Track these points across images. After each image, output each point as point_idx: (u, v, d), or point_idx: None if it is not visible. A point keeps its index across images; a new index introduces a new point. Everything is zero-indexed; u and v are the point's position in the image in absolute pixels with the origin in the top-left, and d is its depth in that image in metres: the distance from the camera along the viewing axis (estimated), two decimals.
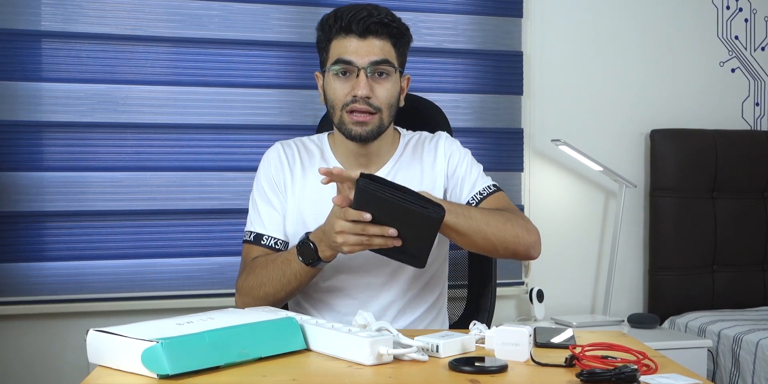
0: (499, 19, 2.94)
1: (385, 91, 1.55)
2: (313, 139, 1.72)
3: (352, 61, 1.52)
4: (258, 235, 1.62)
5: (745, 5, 3.23)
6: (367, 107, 1.53)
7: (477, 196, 1.63)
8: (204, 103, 2.68)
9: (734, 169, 3.05)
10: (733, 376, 2.61)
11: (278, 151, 1.67)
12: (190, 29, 2.66)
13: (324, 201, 1.58)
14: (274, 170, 1.65)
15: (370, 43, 1.52)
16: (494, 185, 1.67)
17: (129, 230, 2.62)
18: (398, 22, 1.56)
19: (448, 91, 2.88)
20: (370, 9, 1.53)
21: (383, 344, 1.15)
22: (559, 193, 3.05)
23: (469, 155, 1.71)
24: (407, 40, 1.60)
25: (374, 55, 1.52)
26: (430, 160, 1.67)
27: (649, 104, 3.13)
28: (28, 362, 2.57)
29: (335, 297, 1.62)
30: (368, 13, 1.52)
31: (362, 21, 1.51)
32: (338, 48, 1.54)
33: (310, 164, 1.65)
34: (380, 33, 1.53)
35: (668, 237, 3.02)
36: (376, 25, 1.52)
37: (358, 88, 1.51)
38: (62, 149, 2.56)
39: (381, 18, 1.53)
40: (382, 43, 1.54)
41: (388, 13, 1.55)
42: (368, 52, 1.52)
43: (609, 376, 1.05)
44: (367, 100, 1.52)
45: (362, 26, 1.52)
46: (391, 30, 1.54)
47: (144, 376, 1.07)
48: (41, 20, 2.54)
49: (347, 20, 1.52)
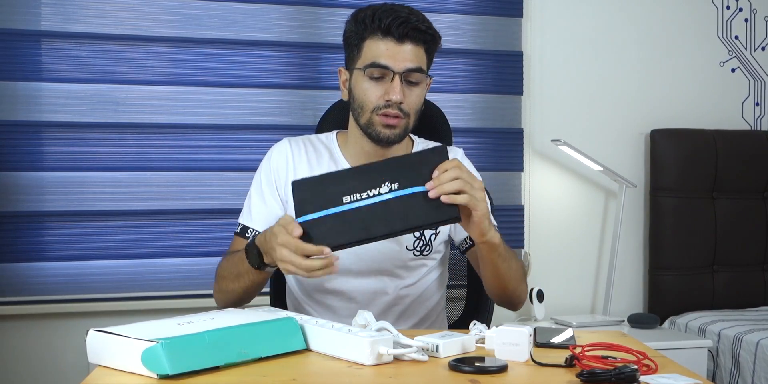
0: (499, 19, 2.94)
1: (415, 97, 1.55)
2: (321, 138, 1.70)
3: (389, 66, 1.50)
4: (244, 228, 1.62)
5: (745, 5, 3.23)
6: (398, 112, 1.52)
7: None
8: (204, 103, 2.68)
9: (734, 169, 3.05)
10: (733, 376, 2.61)
11: (285, 147, 1.66)
12: (190, 29, 2.66)
13: None
14: (278, 165, 1.63)
15: (407, 49, 1.51)
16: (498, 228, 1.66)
17: (129, 230, 2.62)
18: (433, 28, 1.55)
19: (448, 91, 2.88)
20: (407, 13, 1.51)
21: (383, 344, 1.15)
22: (559, 193, 3.05)
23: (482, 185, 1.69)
24: (437, 45, 1.59)
25: (410, 62, 1.51)
26: None
27: (649, 104, 3.13)
28: (28, 362, 2.57)
29: (336, 300, 1.62)
30: (406, 18, 1.50)
31: (402, 25, 1.49)
32: (374, 49, 1.51)
33: (318, 163, 1.63)
34: (416, 39, 1.51)
35: (668, 237, 3.02)
36: (415, 30, 1.50)
37: (392, 94, 1.50)
38: (62, 149, 2.56)
39: (418, 24, 1.51)
40: (417, 49, 1.52)
41: (424, 19, 1.54)
42: (404, 58, 1.50)
43: (609, 376, 1.05)
44: (400, 105, 1.52)
45: (402, 31, 1.49)
46: (426, 36, 1.53)
47: (144, 376, 1.07)
48: (41, 20, 2.54)
49: (387, 22, 1.49)
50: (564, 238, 3.05)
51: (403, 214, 1.28)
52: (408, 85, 1.53)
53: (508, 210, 2.92)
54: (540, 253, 3.00)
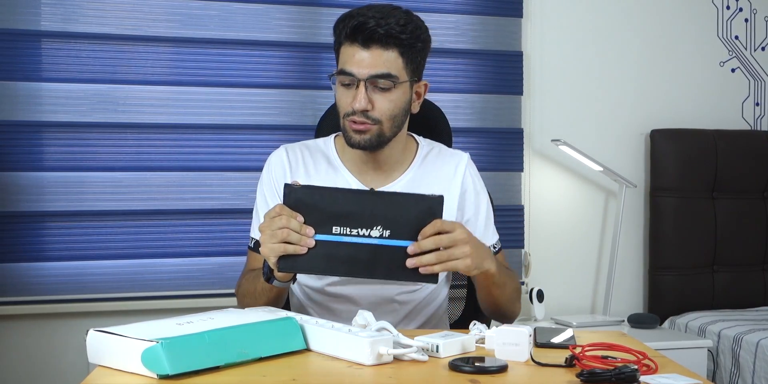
0: (499, 19, 2.94)
1: (386, 103, 1.49)
2: (318, 143, 1.67)
3: (352, 72, 1.47)
4: (257, 242, 1.60)
5: (745, 5, 3.23)
6: (364, 119, 1.49)
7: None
8: (204, 103, 2.68)
9: (734, 169, 3.05)
10: (733, 376, 2.61)
11: (282, 156, 1.63)
12: (190, 29, 2.66)
13: None
14: (277, 175, 1.61)
15: (373, 54, 1.46)
16: (499, 241, 1.67)
17: (129, 230, 2.62)
18: (410, 31, 1.48)
19: (449, 91, 2.88)
20: (378, 17, 1.45)
21: (383, 344, 1.15)
22: (559, 193, 3.05)
23: (487, 196, 1.68)
24: (422, 48, 1.53)
25: (375, 68, 1.46)
26: (447, 180, 1.63)
27: (649, 104, 3.13)
28: (28, 362, 2.57)
29: (340, 303, 1.61)
30: (375, 23, 1.44)
31: (366, 31, 1.44)
32: (344, 55, 1.49)
33: (316, 171, 1.61)
34: (386, 43, 1.46)
35: (668, 237, 3.02)
36: (381, 35, 1.45)
37: (355, 102, 1.47)
38: (62, 149, 2.56)
39: (388, 28, 1.45)
40: (386, 53, 1.46)
41: (399, 21, 1.47)
42: (369, 64, 1.46)
43: (609, 376, 1.05)
44: (366, 112, 1.48)
45: (365, 36, 1.45)
46: (398, 40, 1.46)
47: (144, 376, 1.07)
48: (41, 20, 2.54)
49: (352, 28, 1.45)
50: (564, 238, 3.05)
51: (387, 264, 1.30)
52: (378, 91, 1.48)
53: (508, 210, 2.92)
54: (540, 253, 3.00)
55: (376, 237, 1.29)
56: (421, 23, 1.54)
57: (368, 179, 1.61)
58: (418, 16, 1.55)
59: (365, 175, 1.61)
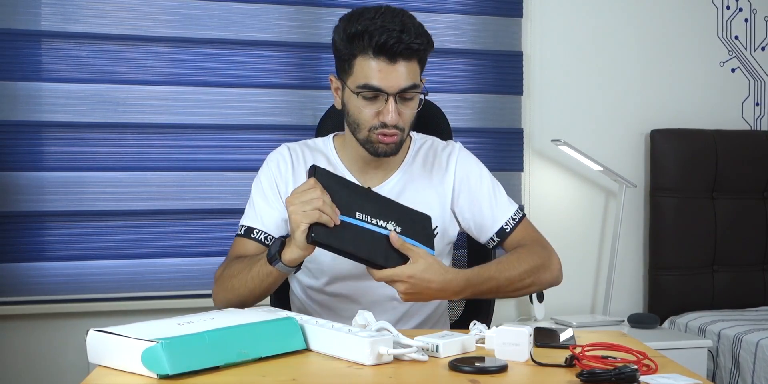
0: (499, 19, 2.94)
1: (410, 111, 1.52)
2: (317, 143, 1.69)
3: (382, 88, 1.46)
4: (249, 229, 1.59)
5: (745, 5, 3.23)
6: (395, 131, 1.51)
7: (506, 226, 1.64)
8: (204, 103, 2.68)
9: (734, 169, 3.05)
10: (733, 376, 2.61)
11: (283, 155, 1.64)
12: (190, 29, 2.66)
13: None
14: (277, 173, 1.62)
15: (399, 68, 1.46)
16: (519, 209, 1.66)
17: (129, 230, 2.62)
18: (426, 42, 1.49)
19: (449, 91, 2.88)
20: (400, 28, 1.44)
21: (383, 344, 1.15)
22: (559, 193, 3.05)
23: (486, 173, 1.68)
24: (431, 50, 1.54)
25: (403, 81, 1.47)
26: (440, 173, 1.65)
27: (649, 104, 3.13)
28: (28, 362, 2.57)
29: (340, 302, 1.62)
30: (398, 39, 1.43)
31: (394, 46, 1.44)
32: (365, 69, 1.46)
33: None
34: (410, 56, 1.47)
35: (668, 237, 3.02)
36: (405, 49, 1.45)
37: (387, 116, 1.48)
38: (62, 149, 2.56)
39: (410, 42, 1.45)
40: (410, 64, 1.48)
41: (418, 29, 1.47)
42: (397, 78, 1.46)
43: (609, 376, 1.05)
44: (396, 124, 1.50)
45: (393, 52, 1.44)
46: (418, 52, 1.48)
47: (144, 376, 1.07)
48: (41, 20, 2.54)
49: (380, 42, 1.43)
50: (564, 238, 3.04)
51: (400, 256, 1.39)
52: (402, 102, 1.50)
53: None
54: None
55: (391, 229, 1.39)
56: (422, 25, 1.54)
57: (367, 178, 1.62)
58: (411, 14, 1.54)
59: (365, 174, 1.62)
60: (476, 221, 1.64)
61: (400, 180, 1.63)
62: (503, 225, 1.63)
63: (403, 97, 1.49)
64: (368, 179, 1.62)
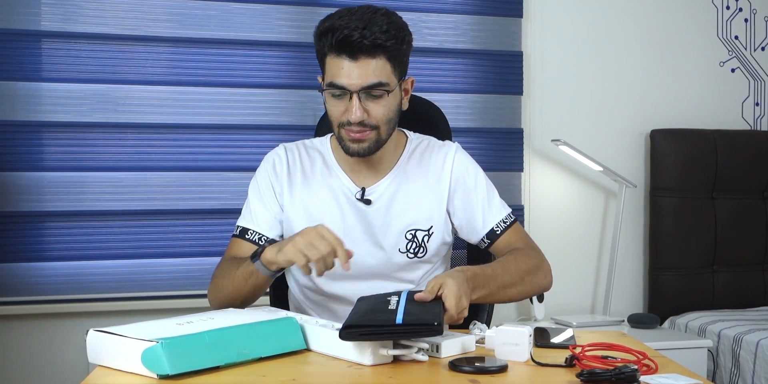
0: (499, 19, 2.94)
1: (381, 109, 1.49)
2: (315, 142, 1.69)
3: (344, 85, 1.46)
4: (244, 229, 1.61)
5: (745, 5, 3.23)
6: (361, 128, 1.49)
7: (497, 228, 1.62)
8: (204, 103, 2.68)
9: (734, 169, 3.05)
10: (733, 376, 2.61)
11: (281, 155, 1.65)
12: (190, 29, 2.66)
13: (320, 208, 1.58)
14: (272, 173, 1.63)
15: (363, 65, 1.45)
16: (511, 213, 1.65)
17: (129, 230, 2.62)
18: (393, 37, 1.46)
19: (449, 91, 2.88)
20: (362, 27, 1.43)
21: (383, 344, 1.15)
22: (559, 193, 3.05)
23: (482, 175, 1.68)
24: (406, 48, 1.52)
25: (365, 79, 1.45)
26: (437, 173, 1.64)
27: (649, 104, 3.13)
28: (28, 362, 2.57)
29: (337, 303, 1.62)
30: (360, 35, 1.42)
31: (352, 43, 1.43)
32: (332, 68, 1.48)
33: (312, 169, 1.63)
34: (373, 52, 1.45)
35: (668, 237, 3.02)
36: (368, 46, 1.43)
37: (350, 113, 1.47)
38: (62, 149, 2.56)
39: (374, 38, 1.43)
40: (374, 61, 1.45)
41: (382, 28, 1.45)
42: (360, 75, 1.45)
43: (609, 376, 1.05)
44: (363, 121, 1.48)
45: (352, 48, 1.44)
46: (384, 48, 1.45)
47: (144, 376, 1.07)
48: (41, 20, 2.54)
49: (337, 40, 1.44)
50: (564, 238, 3.04)
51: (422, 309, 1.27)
52: (372, 99, 1.48)
53: None
54: None
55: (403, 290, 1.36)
56: (402, 22, 1.52)
57: (361, 178, 1.62)
58: (397, 14, 1.53)
59: (358, 175, 1.62)
60: (468, 221, 1.64)
61: (394, 180, 1.62)
62: (494, 226, 1.62)
63: (371, 95, 1.48)
64: (362, 179, 1.61)
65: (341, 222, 1.58)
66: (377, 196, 1.59)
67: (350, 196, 1.59)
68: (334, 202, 1.60)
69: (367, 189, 1.58)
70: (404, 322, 1.14)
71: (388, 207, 1.59)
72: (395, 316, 1.16)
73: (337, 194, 1.60)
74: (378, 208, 1.59)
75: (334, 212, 1.59)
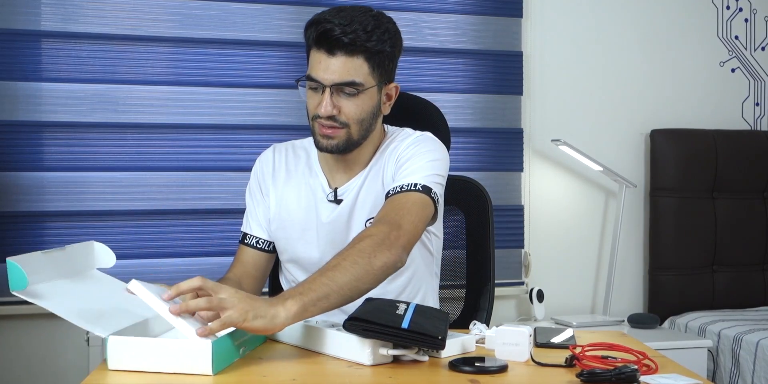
0: (499, 19, 2.94)
1: (353, 108, 1.49)
2: (304, 142, 1.70)
3: (318, 79, 1.47)
4: (244, 235, 1.67)
5: (745, 5, 3.23)
6: (331, 123, 1.49)
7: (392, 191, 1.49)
8: (204, 103, 2.68)
9: (734, 169, 3.05)
10: (733, 376, 2.61)
11: (268, 156, 1.69)
12: (190, 29, 2.66)
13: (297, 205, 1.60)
14: (261, 174, 1.67)
15: (338, 61, 1.46)
16: (424, 185, 1.49)
17: (129, 230, 2.62)
18: (376, 37, 1.46)
19: (449, 91, 2.88)
20: (344, 24, 1.44)
21: (383, 344, 1.15)
22: (559, 193, 3.05)
23: (424, 150, 1.55)
24: (390, 52, 1.51)
25: (339, 76, 1.46)
26: (391, 162, 1.58)
27: (649, 104, 3.13)
28: (28, 362, 2.57)
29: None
30: (341, 31, 1.44)
31: (331, 38, 1.44)
32: (312, 60, 1.50)
33: (295, 167, 1.65)
34: (351, 50, 1.45)
35: (668, 237, 3.02)
36: (346, 43, 1.44)
37: (320, 107, 1.48)
38: (62, 149, 2.56)
39: (354, 36, 1.44)
40: (351, 60, 1.46)
41: (366, 27, 1.45)
42: (334, 71, 1.46)
43: (609, 376, 1.05)
44: (332, 116, 1.48)
45: (330, 43, 1.45)
46: (364, 47, 1.46)
47: (144, 376, 1.07)
48: (41, 20, 2.54)
49: (318, 34, 1.46)
50: (564, 238, 3.05)
51: None
52: (344, 96, 1.48)
53: (508, 210, 2.92)
54: (540, 253, 3.00)
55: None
56: (391, 26, 1.52)
57: (336, 178, 1.61)
58: (389, 17, 1.53)
59: (335, 174, 1.61)
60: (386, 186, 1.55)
61: (363, 178, 1.59)
62: (391, 189, 1.51)
63: (344, 92, 1.48)
64: (336, 180, 1.61)
65: (315, 220, 1.59)
66: (346, 195, 1.59)
67: (323, 196, 1.60)
68: (311, 200, 1.60)
69: (339, 189, 1.58)
70: (409, 329, 1.15)
71: (353, 204, 1.58)
72: (402, 320, 1.17)
73: (315, 193, 1.61)
74: (345, 205, 1.58)
75: (311, 210, 1.60)
